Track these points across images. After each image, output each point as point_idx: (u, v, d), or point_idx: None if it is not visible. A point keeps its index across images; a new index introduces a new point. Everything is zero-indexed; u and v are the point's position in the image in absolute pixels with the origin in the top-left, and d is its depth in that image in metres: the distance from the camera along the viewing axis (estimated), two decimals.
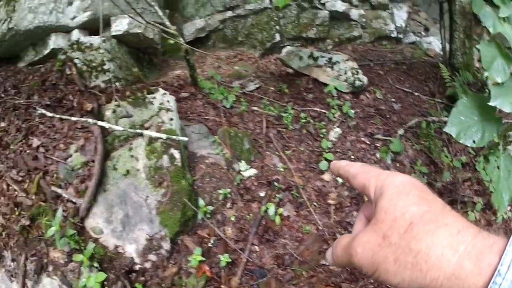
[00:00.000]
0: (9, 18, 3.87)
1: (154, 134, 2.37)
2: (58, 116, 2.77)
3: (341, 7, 4.14)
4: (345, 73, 3.30)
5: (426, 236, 0.34)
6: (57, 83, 3.56)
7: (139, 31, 3.49)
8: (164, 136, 2.35)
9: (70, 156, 2.56)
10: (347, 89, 3.25)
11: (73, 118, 2.66)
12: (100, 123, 2.51)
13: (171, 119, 2.46)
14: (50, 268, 2.26)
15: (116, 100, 2.56)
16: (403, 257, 0.35)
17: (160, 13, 3.03)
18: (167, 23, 2.96)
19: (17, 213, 2.49)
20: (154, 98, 2.59)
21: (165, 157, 2.35)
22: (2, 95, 3.62)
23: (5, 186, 2.73)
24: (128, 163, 2.36)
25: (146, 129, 2.45)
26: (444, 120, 4.12)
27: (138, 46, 3.60)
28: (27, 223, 2.41)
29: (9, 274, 2.35)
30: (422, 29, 5.26)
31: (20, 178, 2.71)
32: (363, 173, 0.46)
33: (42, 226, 2.38)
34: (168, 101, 2.54)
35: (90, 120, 2.56)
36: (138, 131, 2.39)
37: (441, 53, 5.00)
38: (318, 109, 2.99)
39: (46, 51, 3.85)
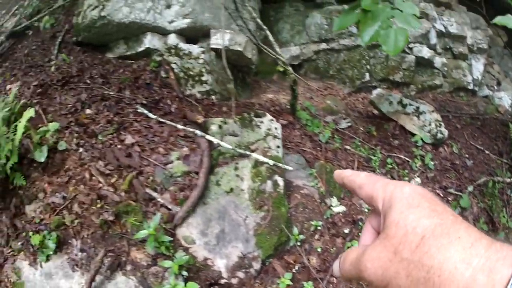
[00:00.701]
0: (101, 5, 3.88)
1: (262, 158, 2.54)
2: (162, 120, 2.93)
3: (426, 53, 4.24)
4: (430, 124, 3.42)
5: (439, 250, 0.34)
6: (151, 84, 3.60)
7: (239, 48, 3.64)
8: (271, 162, 2.53)
9: (171, 162, 2.64)
10: (429, 140, 3.37)
11: (179, 126, 2.83)
12: (208, 137, 2.69)
13: (278, 147, 2.64)
14: (128, 267, 2.28)
15: (232, 117, 2.74)
16: (416, 272, 0.35)
17: (271, 38, 3.19)
18: (277, 49, 3.13)
19: (99, 205, 2.47)
20: (261, 122, 2.76)
21: (269, 182, 2.53)
22: (88, 81, 3.60)
23: (87, 175, 2.68)
24: (233, 181, 2.53)
25: (252, 151, 2.63)
26: (507, 181, 4.20)
27: (234, 63, 3.72)
28: (111, 218, 2.41)
29: (73, 263, 2.32)
30: (495, 83, 5.30)
31: (107, 171, 2.69)
32: (370, 183, 0.45)
33: (128, 225, 2.40)
34: (276, 128, 2.71)
35: (198, 132, 2.74)
36: (247, 152, 2.56)
37: (510, 110, 5.06)
38: (402, 157, 3.12)
39: (140, 49, 3.83)
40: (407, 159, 3.13)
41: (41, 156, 2.70)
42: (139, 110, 2.99)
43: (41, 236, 2.35)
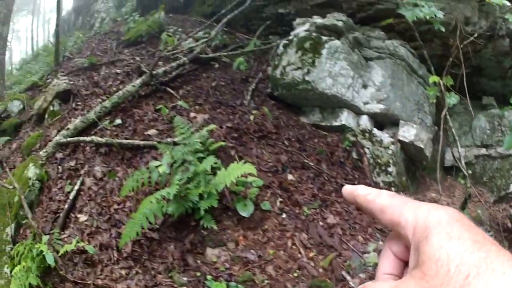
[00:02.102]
0: (305, 68, 4.13)
1: None
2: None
3: None
4: None
5: None
6: (344, 163, 3.92)
7: (421, 145, 4.15)
8: None
9: (367, 252, 3.10)
10: None
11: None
12: None
13: None
14: None
15: None
16: None
17: (460, 150, 3.85)
18: (463, 162, 3.89)
19: (295, 274, 2.67)
20: None
21: None
22: (286, 143, 3.79)
23: (289, 243, 2.87)
24: None
25: None
26: None
27: (412, 158, 4.30)
28: None
29: None
30: None
31: (309, 245, 2.90)
32: (395, 206, 0.39)
33: None
34: None
35: None
36: None
37: None
38: None
39: (335, 123, 4.14)
40: None
41: (245, 210, 2.84)
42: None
43: (224, 285, 2.48)
